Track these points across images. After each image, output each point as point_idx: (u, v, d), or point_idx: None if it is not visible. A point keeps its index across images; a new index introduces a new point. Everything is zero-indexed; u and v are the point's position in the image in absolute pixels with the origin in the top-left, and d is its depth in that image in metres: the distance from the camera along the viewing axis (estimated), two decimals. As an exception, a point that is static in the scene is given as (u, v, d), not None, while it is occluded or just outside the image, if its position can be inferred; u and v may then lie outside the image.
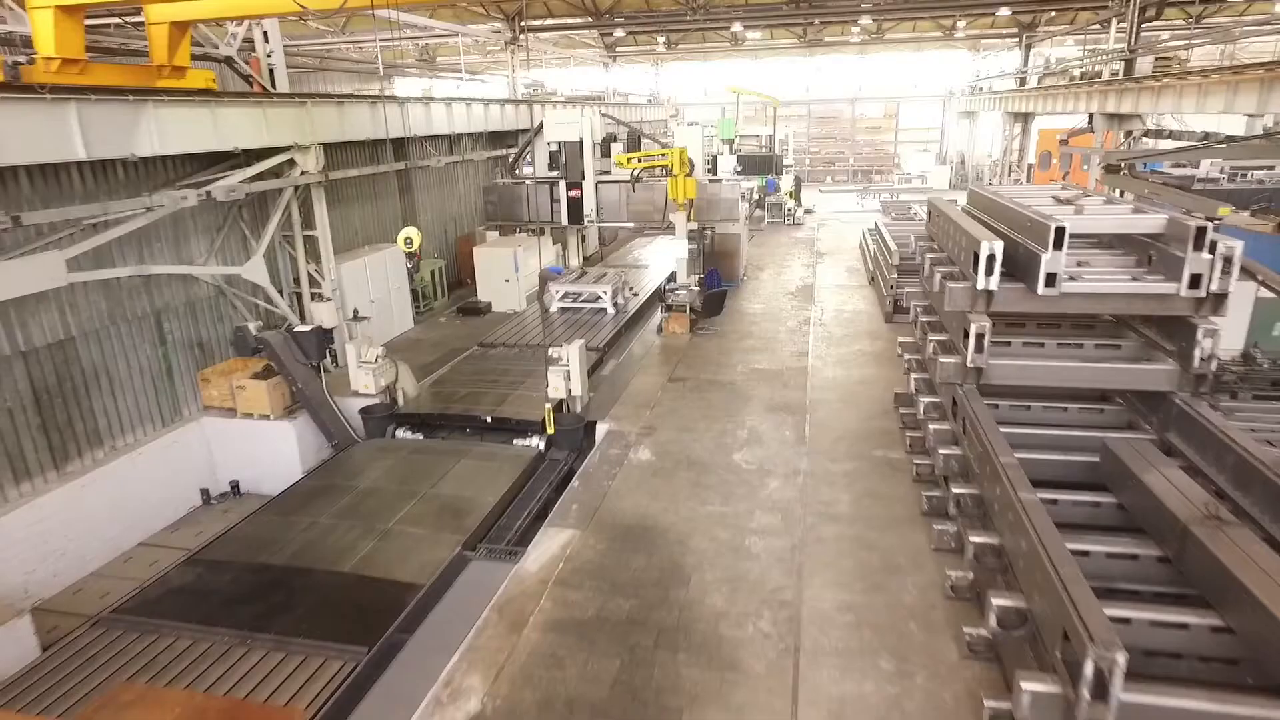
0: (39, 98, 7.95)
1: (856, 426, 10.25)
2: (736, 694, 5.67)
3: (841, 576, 7.00)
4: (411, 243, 9.86)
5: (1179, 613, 4.76)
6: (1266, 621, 4.21)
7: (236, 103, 10.85)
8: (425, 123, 16.10)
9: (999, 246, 6.64)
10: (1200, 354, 6.53)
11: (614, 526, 7.99)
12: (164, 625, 6.79)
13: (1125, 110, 17.38)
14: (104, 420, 10.14)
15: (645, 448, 9.83)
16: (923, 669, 5.81)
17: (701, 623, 6.45)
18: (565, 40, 28.29)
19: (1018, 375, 7.23)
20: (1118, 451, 6.20)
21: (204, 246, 11.52)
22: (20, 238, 8.65)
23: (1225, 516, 5.05)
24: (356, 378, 10.83)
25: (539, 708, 5.59)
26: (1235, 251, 6.28)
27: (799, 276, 19.42)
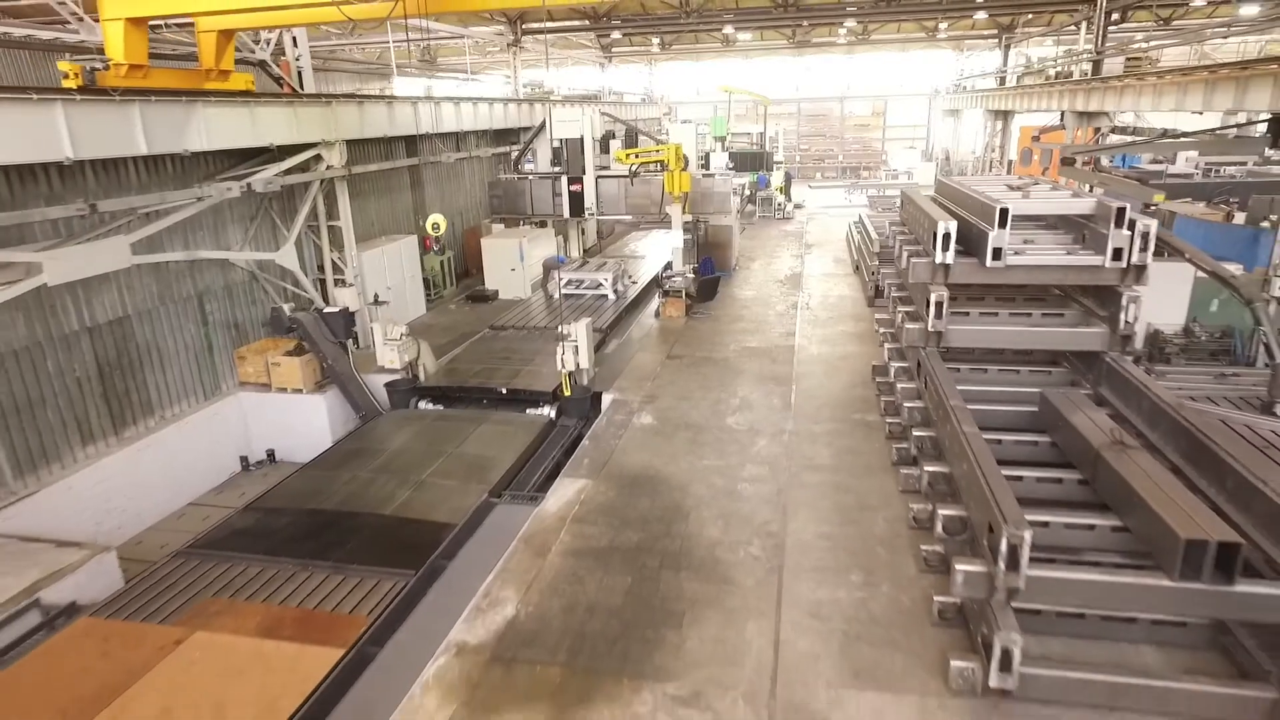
0: (110, 100, 8.97)
1: (837, 395, 11.35)
2: (730, 600, 6.75)
3: (821, 513, 8.10)
4: (439, 227, 10.91)
5: (1088, 517, 5.88)
6: (1152, 519, 5.31)
7: (270, 102, 11.87)
8: (435, 121, 17.11)
9: (953, 225, 7.74)
10: (1125, 318, 7.62)
11: (622, 476, 9.07)
12: (234, 556, 7.84)
13: (1093, 108, 18.55)
14: (155, 392, 11.16)
15: (647, 413, 10.91)
16: (887, 580, 6.90)
17: (700, 549, 7.54)
18: (563, 41, 29.32)
19: (973, 339, 8.34)
20: (1052, 399, 7.31)
21: (239, 235, 12.53)
22: (87, 225, 9.65)
23: (1129, 442, 6.17)
24: (383, 354, 11.86)
25: (564, 612, 6.65)
26: (1151, 228, 7.37)
27: (788, 266, 20.53)
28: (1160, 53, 29.10)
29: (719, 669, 5.91)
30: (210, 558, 7.85)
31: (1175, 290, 11.71)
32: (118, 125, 9.20)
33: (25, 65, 20.50)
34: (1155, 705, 5.21)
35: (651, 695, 5.66)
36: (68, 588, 7.41)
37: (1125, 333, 7.77)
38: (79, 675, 6.14)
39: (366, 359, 12.98)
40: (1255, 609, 4.99)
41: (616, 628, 6.42)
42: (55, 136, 8.45)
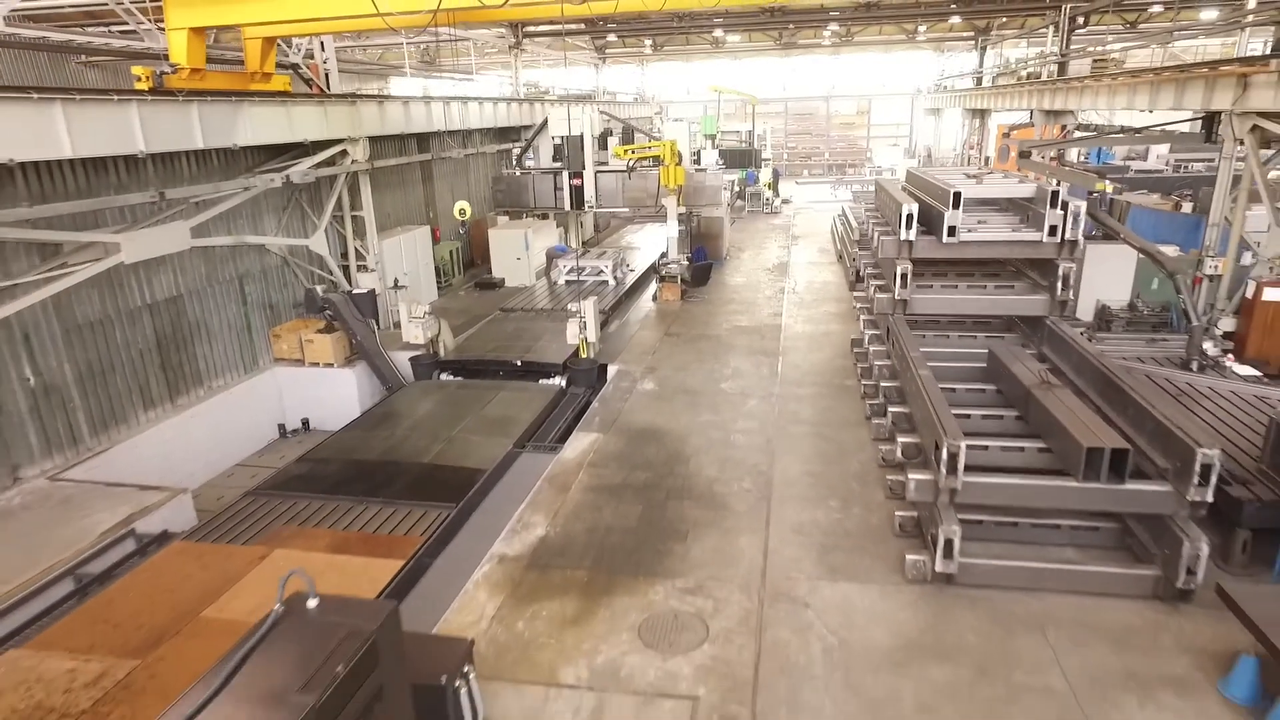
0: (175, 100, 10.14)
1: (820, 365, 12.64)
2: (726, 522, 8.01)
3: (803, 457, 9.37)
4: (465, 212, 12.11)
5: (1020, 442, 7.18)
6: (1064, 436, 6.60)
7: (303, 102, 13.04)
8: (445, 119, 18.28)
9: (916, 207, 9.03)
10: (1060, 286, 8.93)
11: (629, 430, 10.32)
12: (297, 495, 9.03)
13: (1058, 107, 19.96)
14: (203, 365, 12.31)
15: (649, 381, 12.16)
16: (858, 505, 8.19)
17: (700, 485, 8.80)
18: (558, 43, 30.51)
19: (936, 306, 9.63)
20: (997, 353, 8.62)
21: (273, 223, 13.69)
22: (147, 211, 10.80)
23: (1054, 382, 7.48)
24: (408, 330, 13.03)
25: (586, 532, 7.90)
26: (1080, 209, 8.67)
27: (776, 256, 21.83)
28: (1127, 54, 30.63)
29: (718, 569, 7.17)
30: (276, 496, 9.04)
31: (1120, 270, 13.07)
32: (180, 123, 10.36)
33: (44, 66, 21.56)
34: (1068, 585, 6.51)
35: (663, 587, 6.92)
36: (156, 521, 8.58)
37: (1062, 299, 9.06)
38: (183, 582, 7.32)
39: (388, 338, 14.16)
40: (1141, 503, 6.30)
41: (632, 542, 7.67)
42: (131, 132, 9.61)
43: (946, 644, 6.05)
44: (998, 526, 7.15)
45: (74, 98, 8.76)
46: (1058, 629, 6.14)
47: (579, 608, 6.67)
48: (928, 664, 5.85)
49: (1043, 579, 6.56)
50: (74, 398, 10.04)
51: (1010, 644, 6.02)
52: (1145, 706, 5.37)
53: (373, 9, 8.87)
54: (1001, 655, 5.91)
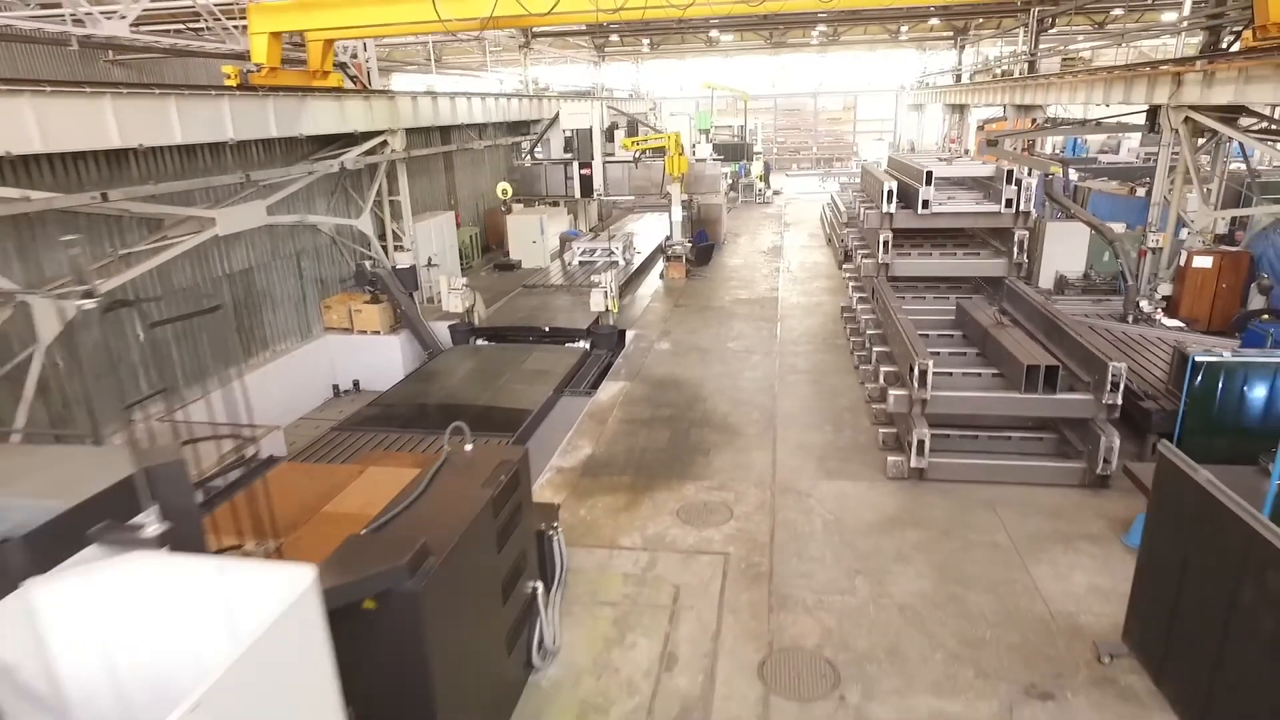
0: (256, 95, 11.70)
1: (813, 329, 14.36)
2: (740, 443, 9.70)
3: (801, 396, 11.08)
4: (507, 192, 13.71)
5: (978, 369, 8.92)
6: (1010, 359, 8.33)
7: (352, 96, 14.60)
8: (468, 113, 19.84)
9: (895, 184, 10.75)
10: (1016, 251, 10.68)
11: (652, 379, 12.00)
12: (375, 430, 10.64)
13: (1028, 101, 21.79)
14: (269, 331, 13.87)
15: (665, 342, 13.85)
16: (848, 429, 9.90)
17: (716, 417, 10.48)
18: (560, 42, 32.06)
19: (912, 269, 11.38)
20: (963, 305, 10.36)
21: (324, 205, 15.25)
22: (228, 192, 12.34)
23: (1004, 322, 9.22)
24: (448, 300, 14.63)
25: (626, 451, 9.57)
26: (1034, 186, 10.42)
27: (770, 240, 23.57)
28: (1095, 53, 32.56)
29: (736, 473, 8.87)
30: (357, 431, 10.65)
31: (1076, 245, 14.87)
32: (258, 114, 11.91)
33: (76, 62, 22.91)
34: (1015, 478, 8.25)
35: (693, 486, 8.61)
36: (261, 450, 10.17)
37: (1018, 261, 10.85)
38: (298, 490, 8.90)
39: (425, 309, 15.75)
40: (1068, 409, 8.06)
41: (664, 457, 9.35)
42: (222, 122, 11.16)
43: (918, 517, 7.77)
44: (961, 439, 8.86)
45: (184, 93, 10.33)
46: (1005, 507, 7.88)
47: (627, 500, 8.35)
48: (904, 530, 7.57)
49: (995, 473, 8.30)
50: (173, 353, 11.60)
51: (967, 517, 7.75)
52: (1067, 553, 7.10)
53: (435, 15, 10.49)
54: (961, 524, 7.63)
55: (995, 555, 7.12)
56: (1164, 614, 5.15)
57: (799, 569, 7.02)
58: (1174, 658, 5.08)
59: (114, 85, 9.47)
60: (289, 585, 2.64)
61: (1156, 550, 5.30)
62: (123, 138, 9.46)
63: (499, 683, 5.33)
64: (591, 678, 5.77)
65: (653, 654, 6.00)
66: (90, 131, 9.13)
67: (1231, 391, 7.44)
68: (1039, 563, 6.96)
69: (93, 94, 9.04)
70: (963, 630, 6.12)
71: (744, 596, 6.65)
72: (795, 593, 6.67)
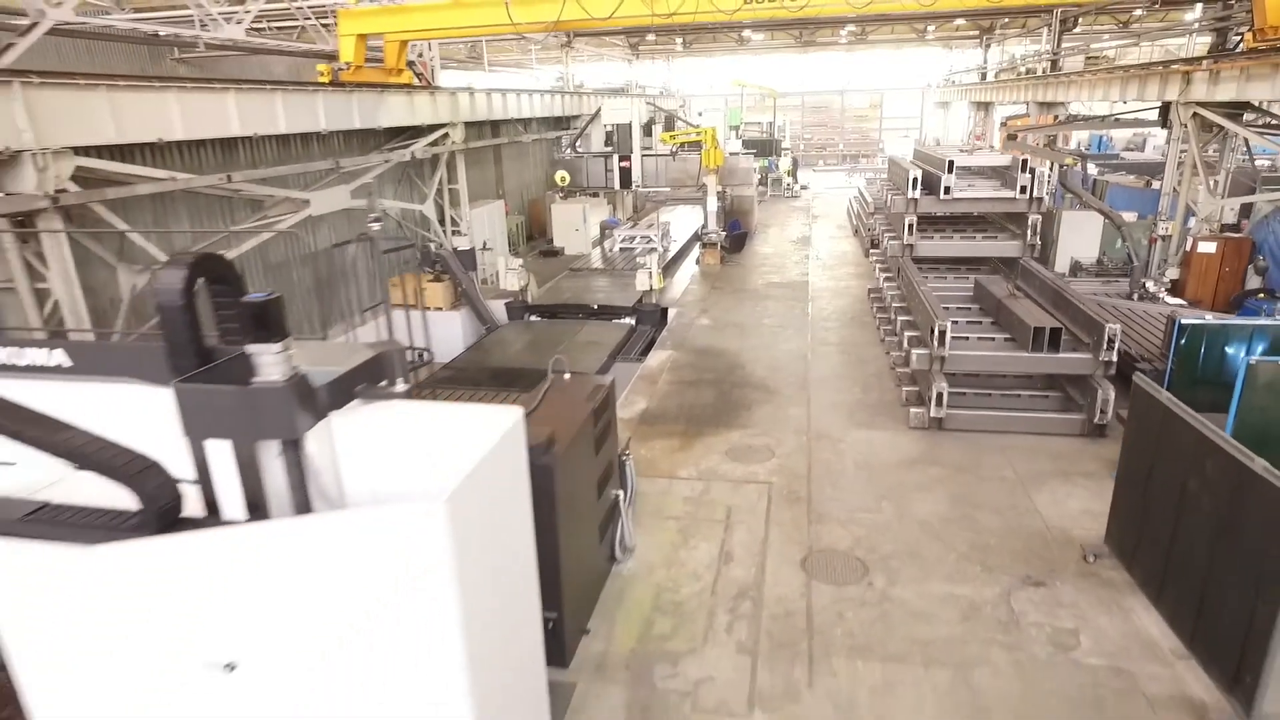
0: (343, 90, 13.09)
1: (842, 308, 15.52)
2: (777, 401, 10.91)
3: (831, 364, 12.27)
4: (565, 180, 15.01)
5: (993, 334, 10.06)
6: (1019, 323, 9.48)
7: (420, 92, 15.96)
8: (516, 109, 21.18)
9: (920, 172, 11.90)
10: (1030, 233, 11.78)
11: (695, 349, 13.24)
12: (452, 387, 11.96)
13: (1050, 99, 22.71)
14: (344, 305, 15.28)
15: (705, 319, 15.08)
16: (875, 391, 11.08)
17: (755, 380, 11.70)
18: (596, 41, 33.33)
19: (934, 250, 12.51)
20: (980, 281, 11.49)
21: (391, 192, 16.64)
22: (314, 177, 13.73)
23: (1015, 294, 10.35)
24: (506, 279, 15.96)
25: (676, 406, 10.82)
26: (1046, 174, 11.51)
27: (799, 231, 24.69)
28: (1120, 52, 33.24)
29: (774, 424, 10.09)
30: (435, 388, 11.99)
31: (1090, 232, 15.88)
32: (344, 108, 13.30)
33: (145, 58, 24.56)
34: (1023, 428, 9.39)
35: (738, 433, 9.84)
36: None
37: (1031, 243, 11.95)
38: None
39: (480, 290, 17.10)
40: (1070, 366, 9.19)
41: (711, 411, 10.60)
42: (316, 114, 12.55)
43: (937, 458, 8.96)
44: (975, 396, 10.01)
45: (288, 88, 11.73)
46: (1014, 451, 9.03)
47: (682, 443, 9.61)
48: (924, 467, 8.76)
49: (1005, 424, 9.46)
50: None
51: (980, 458, 8.91)
52: (1065, 485, 8.25)
53: (508, 19, 11.80)
54: (974, 464, 8.80)
55: (1003, 487, 8.29)
56: (1135, 513, 6.32)
57: (833, 495, 8.24)
58: (1142, 547, 6.25)
59: (235, 82, 10.87)
60: (506, 418, 3.94)
61: (1130, 463, 6.47)
62: (241, 127, 10.87)
63: (592, 566, 6.61)
64: (663, 569, 7.04)
65: (712, 553, 7.26)
66: (216, 121, 10.53)
67: (1212, 350, 8.52)
68: (1040, 492, 8.13)
69: (220, 89, 10.45)
70: (972, 539, 7.31)
71: (786, 514, 7.89)
72: (830, 511, 7.89)
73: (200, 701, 3.12)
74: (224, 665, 3.07)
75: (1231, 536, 5.06)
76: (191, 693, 3.10)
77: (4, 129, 7.69)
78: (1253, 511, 4.84)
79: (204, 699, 3.11)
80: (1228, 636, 5.10)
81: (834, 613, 6.36)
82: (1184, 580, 5.66)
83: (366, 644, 3.18)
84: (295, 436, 3.65)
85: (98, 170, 8.93)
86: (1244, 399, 6.59)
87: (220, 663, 3.06)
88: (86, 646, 3.10)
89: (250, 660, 3.09)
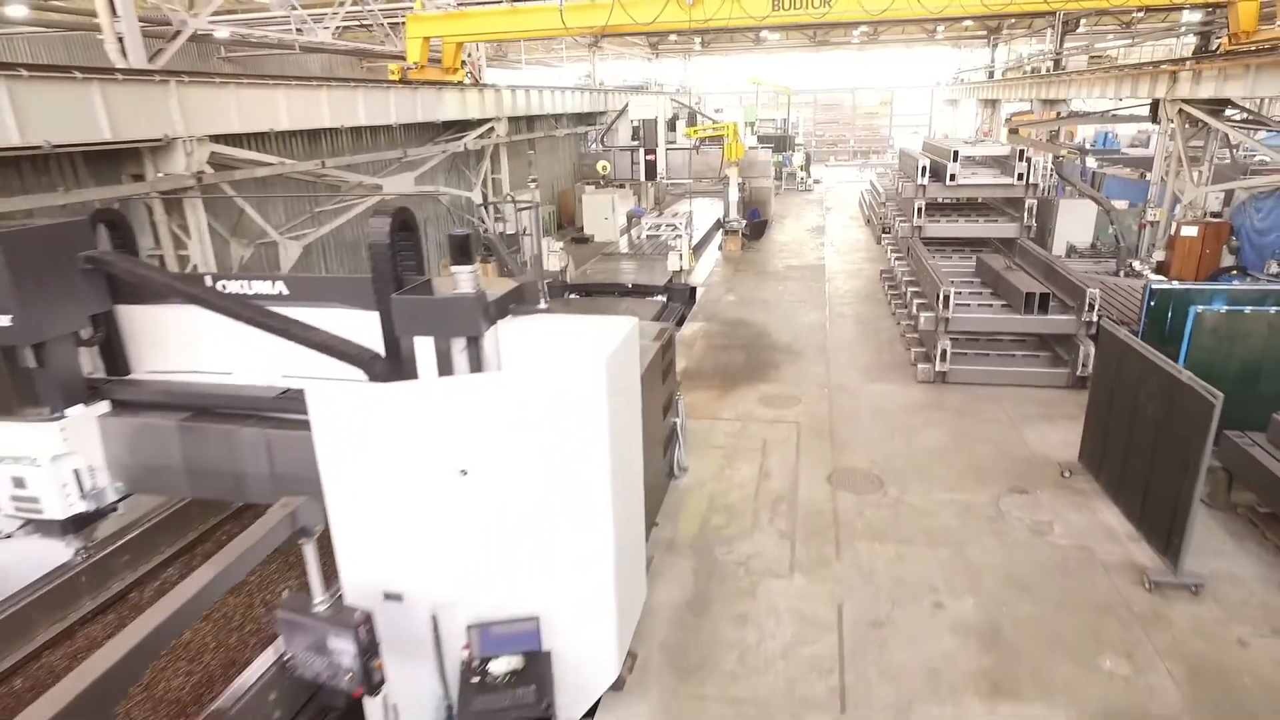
0: (410, 87, 14.63)
1: (856, 287, 16.98)
2: (800, 361, 12.39)
3: (848, 333, 13.74)
4: (606, 167, 16.51)
5: (991, 301, 11.52)
6: (1014, 290, 10.93)
7: (471, 89, 17.50)
8: (551, 105, 22.71)
9: (928, 161, 13.35)
10: (1026, 214, 13.22)
11: (725, 320, 14.74)
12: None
13: (1052, 96, 24.06)
14: (403, 281, 16.81)
15: (731, 295, 16.58)
16: (887, 353, 12.55)
17: (780, 345, 13.19)
18: (620, 40, 34.79)
19: (941, 231, 13.98)
20: (982, 257, 12.94)
21: (442, 180, 18.19)
22: (381, 165, 15.27)
23: (1013, 266, 11.79)
24: (548, 259, 17.48)
25: (712, 365, 12.31)
26: (1042, 163, 12.94)
27: (814, 221, 26.13)
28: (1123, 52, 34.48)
29: (798, 379, 11.57)
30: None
31: (1085, 218, 17.27)
32: (411, 103, 14.84)
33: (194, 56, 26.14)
34: (1016, 381, 10.84)
35: (768, 386, 11.33)
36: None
37: (1027, 225, 13.39)
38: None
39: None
40: (1056, 326, 10.64)
41: (743, 369, 12.09)
42: (388, 109, 14.09)
43: (940, 404, 10.43)
44: (975, 356, 11.47)
45: (367, 86, 13.27)
46: (1007, 399, 10.49)
47: (719, 393, 11.11)
48: (929, 411, 10.23)
49: (1001, 377, 10.91)
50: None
51: (978, 405, 10.38)
52: (1049, 424, 9.70)
53: (560, 24, 13.30)
54: (973, 409, 10.26)
55: (997, 425, 9.75)
56: (1100, 432, 7.79)
57: (852, 432, 9.73)
58: (1105, 459, 7.71)
59: (326, 79, 12.42)
60: (626, 324, 5.45)
61: (1097, 391, 7.93)
62: (331, 119, 12.42)
63: (657, 474, 8.12)
64: (713, 483, 8.55)
65: (753, 472, 8.76)
66: (312, 114, 12.08)
67: (1178, 311, 9.90)
68: (1028, 429, 9.59)
69: (315, 86, 12.00)
70: (969, 461, 8.79)
71: (813, 444, 9.38)
72: (850, 443, 9.39)
73: (450, 493, 4.63)
74: (460, 471, 4.59)
75: (1166, 435, 6.52)
76: (440, 489, 4.61)
77: (162, 120, 9.25)
78: (1180, 413, 6.29)
79: (449, 495, 4.63)
80: (1162, 514, 6.57)
81: (855, 512, 7.85)
82: (1134, 478, 7.11)
83: (549, 459, 4.69)
84: (478, 335, 5.19)
85: (225, 155, 10.48)
86: (1193, 340, 8.03)
87: (458, 469, 4.58)
88: (373, 460, 4.62)
89: (476, 468, 4.61)
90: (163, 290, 5.50)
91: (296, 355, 5.32)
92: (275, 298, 5.75)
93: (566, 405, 4.71)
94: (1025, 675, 5.59)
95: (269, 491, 5.53)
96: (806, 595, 6.56)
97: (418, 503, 4.67)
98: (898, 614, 6.28)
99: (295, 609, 4.20)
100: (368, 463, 4.63)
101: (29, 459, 5.48)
